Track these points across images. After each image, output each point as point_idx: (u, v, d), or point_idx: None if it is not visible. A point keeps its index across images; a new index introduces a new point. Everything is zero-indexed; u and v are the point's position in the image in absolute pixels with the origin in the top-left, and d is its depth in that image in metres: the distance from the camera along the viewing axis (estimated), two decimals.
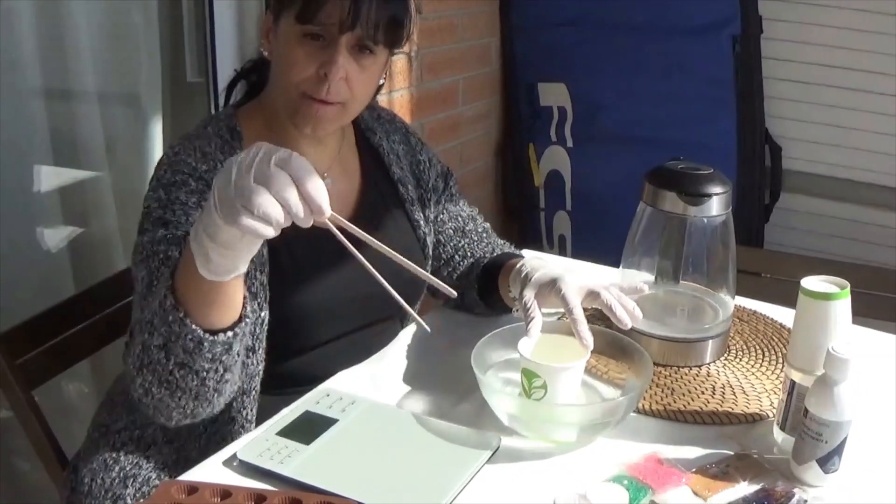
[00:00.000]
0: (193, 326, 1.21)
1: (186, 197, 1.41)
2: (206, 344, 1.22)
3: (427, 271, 1.71)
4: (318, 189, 1.07)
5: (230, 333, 1.25)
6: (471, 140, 3.54)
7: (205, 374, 1.26)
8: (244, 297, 1.26)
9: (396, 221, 1.70)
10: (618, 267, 1.64)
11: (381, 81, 1.58)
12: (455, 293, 1.22)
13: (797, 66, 3.18)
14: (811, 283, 1.28)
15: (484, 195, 3.73)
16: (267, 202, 1.04)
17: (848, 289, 1.27)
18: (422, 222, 1.72)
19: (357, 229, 1.14)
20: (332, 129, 1.54)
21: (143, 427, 1.55)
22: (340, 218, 1.13)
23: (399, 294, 1.67)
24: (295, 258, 1.51)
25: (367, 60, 1.48)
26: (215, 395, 1.31)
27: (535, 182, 3.66)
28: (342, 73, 1.44)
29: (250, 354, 1.44)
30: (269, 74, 1.56)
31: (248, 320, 1.29)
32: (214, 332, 1.23)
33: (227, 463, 1.27)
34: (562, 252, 3.63)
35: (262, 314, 1.45)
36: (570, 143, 3.53)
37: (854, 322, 1.30)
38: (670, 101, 3.28)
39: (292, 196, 1.05)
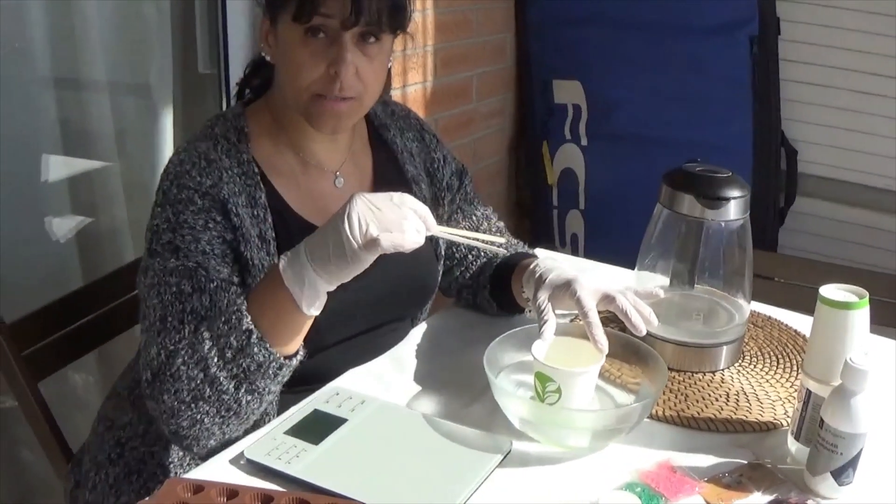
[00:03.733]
0: (278, 355, 1.31)
1: (194, 219, 1.40)
2: (284, 370, 1.34)
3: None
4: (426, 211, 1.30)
5: (299, 357, 1.36)
6: (484, 136, 3.52)
7: (267, 396, 1.36)
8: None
9: None
10: (630, 268, 1.62)
11: (389, 65, 1.55)
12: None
13: (814, 69, 3.16)
14: (830, 291, 1.26)
15: (496, 192, 3.71)
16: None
17: (867, 298, 1.25)
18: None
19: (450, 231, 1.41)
20: (350, 123, 1.53)
21: (149, 422, 1.53)
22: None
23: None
24: None
25: (374, 49, 1.45)
26: (253, 417, 1.37)
27: (548, 180, 3.63)
28: (352, 70, 1.42)
29: None
30: (272, 75, 1.55)
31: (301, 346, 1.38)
32: (289, 358, 1.34)
33: (234, 461, 1.26)
34: (574, 252, 3.61)
35: None
36: (584, 142, 3.50)
37: (870, 331, 1.28)
38: (686, 101, 3.26)
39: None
